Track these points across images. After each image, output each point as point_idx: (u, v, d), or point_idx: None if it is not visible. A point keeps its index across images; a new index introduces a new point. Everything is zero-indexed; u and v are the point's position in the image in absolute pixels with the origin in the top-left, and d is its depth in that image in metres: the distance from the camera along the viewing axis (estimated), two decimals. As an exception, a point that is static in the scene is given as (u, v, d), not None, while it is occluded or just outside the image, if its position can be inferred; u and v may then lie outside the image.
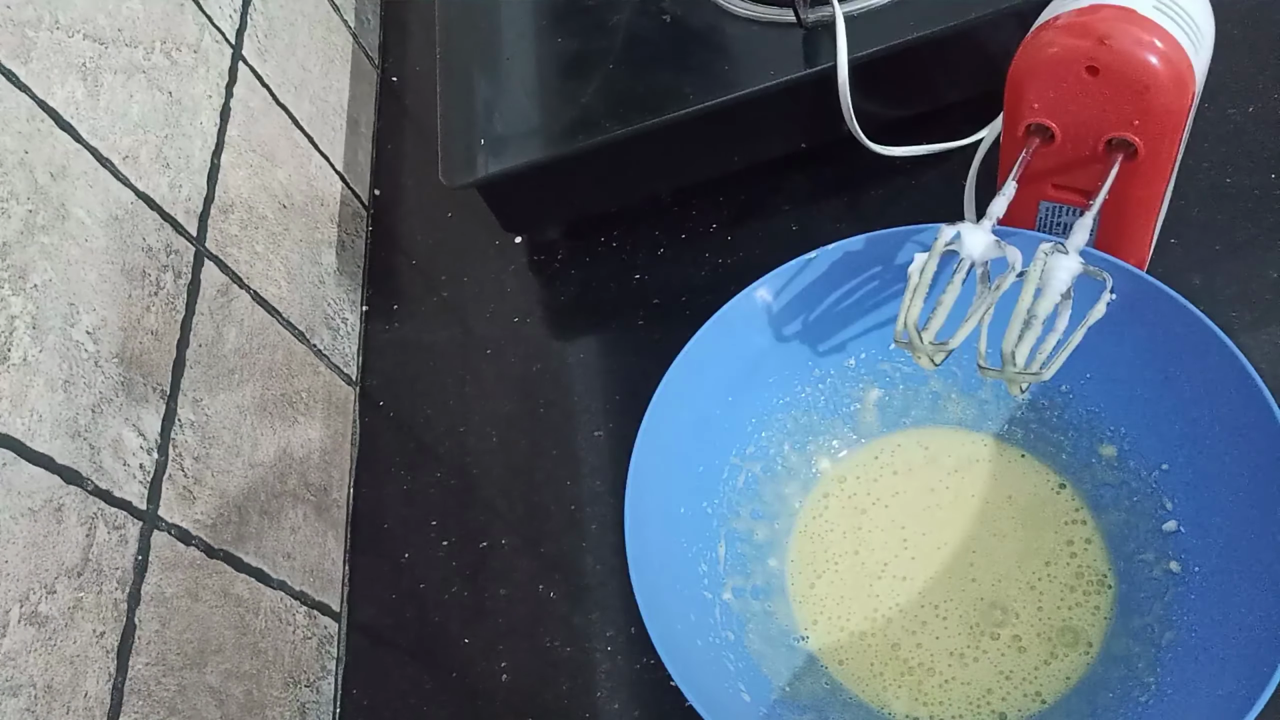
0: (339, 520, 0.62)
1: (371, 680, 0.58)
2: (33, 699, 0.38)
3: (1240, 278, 0.54)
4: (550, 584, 0.57)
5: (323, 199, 0.70)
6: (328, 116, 0.74)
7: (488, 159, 0.61)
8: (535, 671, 0.55)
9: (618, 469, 0.52)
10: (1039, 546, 0.50)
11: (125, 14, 0.52)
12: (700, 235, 0.66)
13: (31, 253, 0.43)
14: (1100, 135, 0.45)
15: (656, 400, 0.48)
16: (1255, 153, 0.57)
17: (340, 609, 0.60)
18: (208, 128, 0.58)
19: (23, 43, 0.45)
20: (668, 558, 0.47)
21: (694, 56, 0.62)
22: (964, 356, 0.52)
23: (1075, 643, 0.47)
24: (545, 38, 0.66)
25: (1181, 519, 0.46)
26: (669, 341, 0.49)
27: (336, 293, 0.69)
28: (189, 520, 0.49)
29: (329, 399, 0.65)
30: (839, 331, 0.52)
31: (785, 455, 0.53)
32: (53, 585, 0.40)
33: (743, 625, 0.49)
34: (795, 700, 0.47)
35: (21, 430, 0.40)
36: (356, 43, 0.82)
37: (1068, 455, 0.51)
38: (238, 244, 0.58)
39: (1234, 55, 0.59)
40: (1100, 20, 0.42)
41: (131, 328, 0.48)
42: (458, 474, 0.63)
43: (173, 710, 0.45)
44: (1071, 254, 0.41)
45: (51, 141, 0.45)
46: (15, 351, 0.41)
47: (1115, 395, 0.49)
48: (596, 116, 0.61)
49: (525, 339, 0.66)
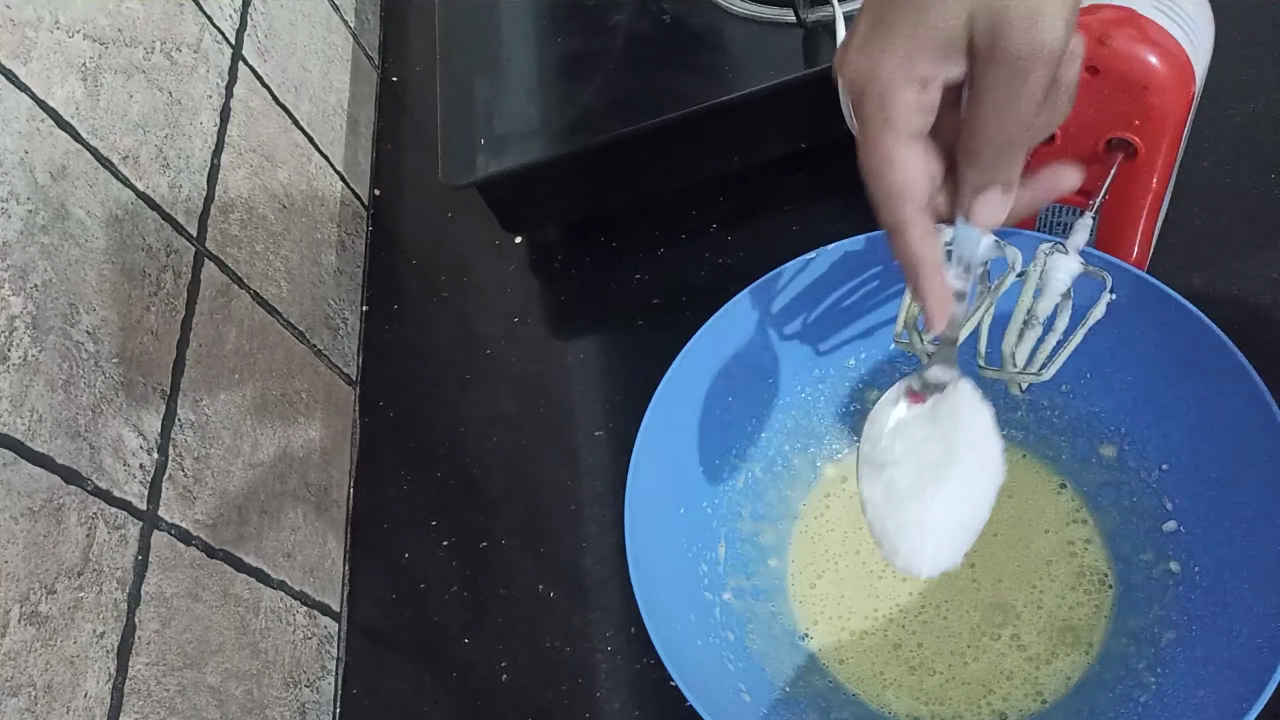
0: (339, 520, 0.62)
1: (371, 680, 0.58)
2: (33, 699, 0.38)
3: (1240, 278, 0.54)
4: (550, 584, 0.57)
5: (323, 199, 0.70)
6: (328, 116, 0.74)
7: (488, 159, 0.61)
8: (535, 671, 0.55)
9: (618, 469, 0.52)
10: (1040, 546, 0.50)
11: (125, 14, 0.52)
12: (700, 235, 0.66)
13: (31, 253, 0.43)
14: (1100, 135, 0.45)
15: (656, 400, 0.48)
16: (1255, 153, 0.57)
17: (340, 609, 0.60)
18: (208, 128, 0.58)
19: (23, 43, 0.45)
20: (668, 558, 0.47)
21: (694, 56, 0.62)
22: (964, 356, 0.51)
23: (1076, 642, 0.47)
24: (545, 38, 0.66)
25: (1181, 519, 0.46)
26: (669, 341, 0.49)
27: (336, 293, 0.69)
28: (189, 520, 0.49)
29: (329, 399, 0.65)
30: (839, 331, 0.52)
31: (786, 455, 0.53)
32: (53, 585, 0.40)
33: (743, 625, 0.49)
34: (795, 700, 0.47)
35: (21, 430, 0.40)
36: (356, 43, 0.82)
37: (1068, 455, 0.51)
38: (238, 244, 0.58)
39: (1234, 55, 0.59)
40: (1100, 20, 0.42)
41: (131, 328, 0.48)
42: (458, 474, 0.63)
43: (173, 710, 0.45)
44: (1071, 254, 0.41)
45: (51, 141, 0.45)
46: (15, 351, 0.41)
47: (1115, 395, 0.49)
48: (596, 116, 0.61)
49: (525, 339, 0.66)
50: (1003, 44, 0.29)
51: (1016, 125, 0.31)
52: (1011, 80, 0.29)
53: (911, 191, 0.32)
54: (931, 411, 0.37)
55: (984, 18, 0.29)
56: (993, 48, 0.29)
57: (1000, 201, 0.33)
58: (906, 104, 0.31)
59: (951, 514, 0.37)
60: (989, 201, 0.33)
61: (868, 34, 0.31)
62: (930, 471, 0.36)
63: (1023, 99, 0.30)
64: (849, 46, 0.32)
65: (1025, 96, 0.30)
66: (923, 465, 0.37)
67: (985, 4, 0.28)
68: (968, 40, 0.29)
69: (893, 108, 0.31)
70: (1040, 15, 0.28)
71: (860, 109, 0.32)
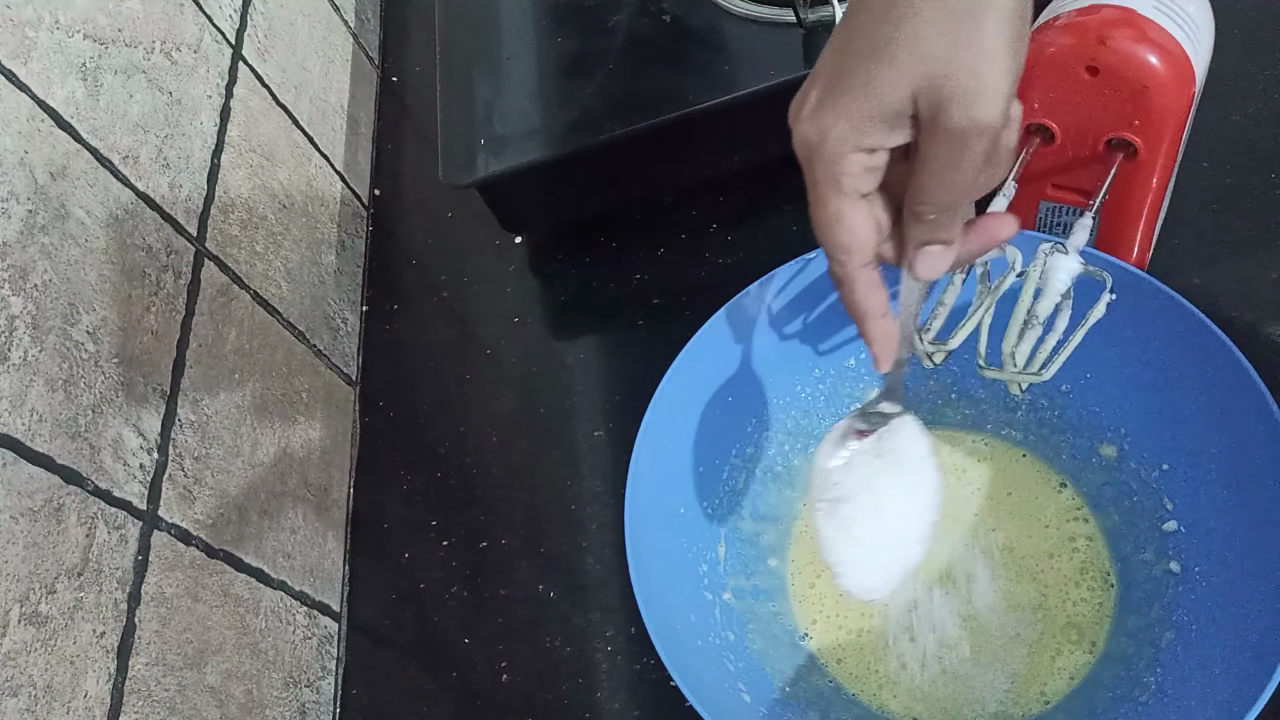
0: (339, 520, 0.62)
1: (371, 680, 0.58)
2: (33, 699, 0.38)
3: (1240, 278, 0.54)
4: (550, 584, 0.57)
5: (323, 199, 0.70)
6: (328, 116, 0.74)
7: (488, 159, 0.61)
8: (535, 671, 0.55)
9: (618, 469, 0.52)
10: (1041, 543, 0.50)
11: (125, 14, 0.52)
12: (700, 235, 0.66)
13: (31, 253, 0.43)
14: (1100, 135, 0.45)
15: (656, 400, 0.48)
16: (1255, 153, 0.58)
17: (340, 609, 0.60)
18: (208, 128, 0.58)
19: (23, 43, 0.45)
20: (668, 558, 0.47)
21: (694, 56, 0.62)
22: (964, 356, 0.52)
23: (1079, 640, 0.47)
24: (545, 38, 0.66)
25: (1181, 519, 0.46)
26: (669, 341, 0.49)
27: (336, 293, 0.69)
28: (189, 520, 0.49)
29: (329, 399, 0.65)
30: (839, 331, 0.52)
31: (786, 455, 0.53)
32: (53, 585, 0.40)
33: (743, 625, 0.49)
34: (795, 700, 0.47)
35: (21, 430, 0.40)
36: (356, 43, 0.82)
37: (1068, 455, 0.51)
38: (238, 244, 0.58)
39: (1234, 55, 0.59)
40: (1100, 20, 0.42)
41: (131, 328, 0.48)
42: (458, 474, 0.63)
43: (173, 710, 0.45)
44: (1071, 254, 0.41)
45: (51, 141, 0.45)
46: (15, 351, 0.41)
47: (1115, 395, 0.49)
48: (596, 116, 0.61)
49: (525, 339, 0.66)
50: (943, 119, 0.31)
51: (956, 190, 0.33)
52: (952, 152, 0.31)
53: (857, 247, 0.35)
54: (877, 445, 0.40)
55: (926, 94, 0.31)
56: (934, 122, 0.31)
57: (942, 255, 0.35)
58: (853, 169, 0.33)
59: (895, 541, 0.40)
60: (931, 256, 0.35)
61: (820, 100, 0.33)
62: (876, 503, 0.39)
63: (962, 168, 0.32)
64: (804, 104, 0.33)
65: (965, 166, 0.32)
66: (870, 498, 0.40)
67: (928, 82, 0.30)
68: (912, 113, 0.31)
69: (841, 173, 0.33)
70: (979, 94, 0.30)
71: (811, 170, 0.34)
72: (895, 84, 0.31)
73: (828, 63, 0.33)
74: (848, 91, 0.32)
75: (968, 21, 0.30)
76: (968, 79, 0.30)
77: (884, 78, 0.31)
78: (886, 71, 0.31)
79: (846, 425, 0.41)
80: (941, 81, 0.30)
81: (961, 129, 0.31)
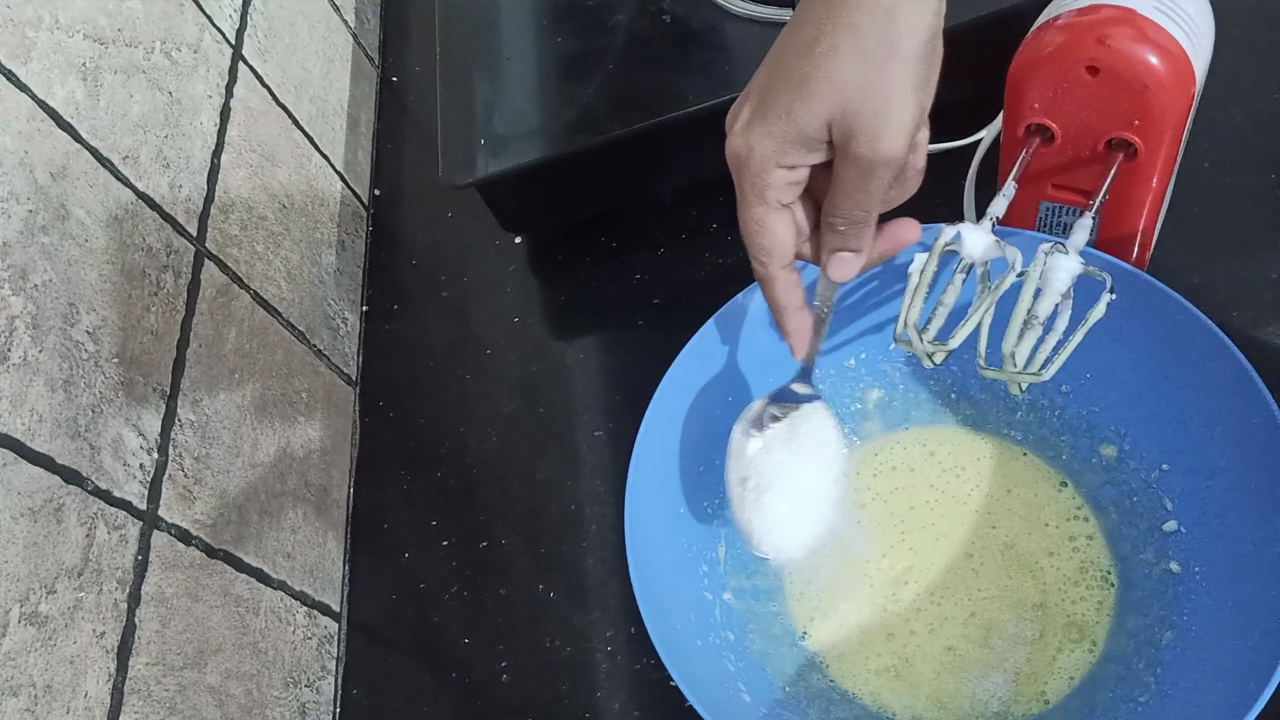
0: (339, 520, 0.62)
1: (371, 680, 0.58)
2: (33, 699, 0.38)
3: (1240, 278, 0.54)
4: (550, 584, 0.57)
5: (323, 199, 0.70)
6: (328, 116, 0.74)
7: (488, 159, 0.61)
8: (535, 671, 0.55)
9: (618, 469, 0.52)
10: (1042, 541, 0.50)
11: (125, 14, 0.52)
12: (700, 235, 0.66)
13: (31, 253, 0.43)
14: (1100, 135, 0.45)
15: (656, 400, 0.48)
16: (1255, 153, 0.57)
17: (340, 609, 0.60)
18: (208, 128, 0.58)
19: (23, 43, 0.45)
20: (668, 558, 0.47)
21: (694, 56, 0.62)
22: (964, 356, 0.51)
23: (1080, 639, 0.47)
24: (545, 38, 0.66)
25: (1181, 519, 0.46)
26: (669, 341, 0.49)
27: (336, 293, 0.69)
28: (189, 520, 0.49)
29: (329, 399, 0.65)
30: (839, 331, 0.52)
31: (785, 455, 0.53)
32: (53, 585, 0.40)
33: (743, 625, 0.49)
34: (795, 699, 0.47)
35: (21, 430, 0.40)
36: (356, 43, 0.82)
37: (1068, 455, 0.51)
38: (238, 244, 0.58)
39: (1234, 55, 0.59)
40: (1100, 20, 0.42)
41: (131, 328, 0.48)
42: (458, 474, 0.63)
43: (173, 710, 0.45)
44: (1071, 254, 0.41)
45: (51, 141, 0.45)
46: (15, 351, 0.41)
47: (1115, 395, 0.49)
48: (596, 116, 0.61)
49: (525, 339, 0.66)
50: (853, 149, 0.35)
51: (864, 208, 0.37)
52: (860, 176, 0.35)
53: (777, 250, 0.39)
54: (789, 428, 0.44)
55: (839, 125, 0.34)
56: (845, 150, 0.35)
57: (852, 261, 0.40)
58: (776, 183, 0.37)
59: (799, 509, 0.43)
60: (842, 261, 0.39)
61: (750, 119, 0.36)
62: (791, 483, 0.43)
63: (869, 190, 0.36)
64: (736, 118, 0.37)
65: (872, 189, 0.36)
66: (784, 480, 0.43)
67: (841, 113, 0.34)
68: (828, 139, 0.35)
69: (765, 186, 0.37)
70: (884, 130, 0.34)
71: (739, 180, 0.37)
72: (813, 115, 0.34)
73: (760, 81, 0.37)
74: (772, 115, 0.35)
75: (879, 64, 0.33)
76: (873, 118, 0.34)
77: (803, 109, 0.34)
78: (806, 104, 0.34)
79: (761, 407, 0.44)
80: (853, 117, 0.34)
81: (868, 159, 0.35)
